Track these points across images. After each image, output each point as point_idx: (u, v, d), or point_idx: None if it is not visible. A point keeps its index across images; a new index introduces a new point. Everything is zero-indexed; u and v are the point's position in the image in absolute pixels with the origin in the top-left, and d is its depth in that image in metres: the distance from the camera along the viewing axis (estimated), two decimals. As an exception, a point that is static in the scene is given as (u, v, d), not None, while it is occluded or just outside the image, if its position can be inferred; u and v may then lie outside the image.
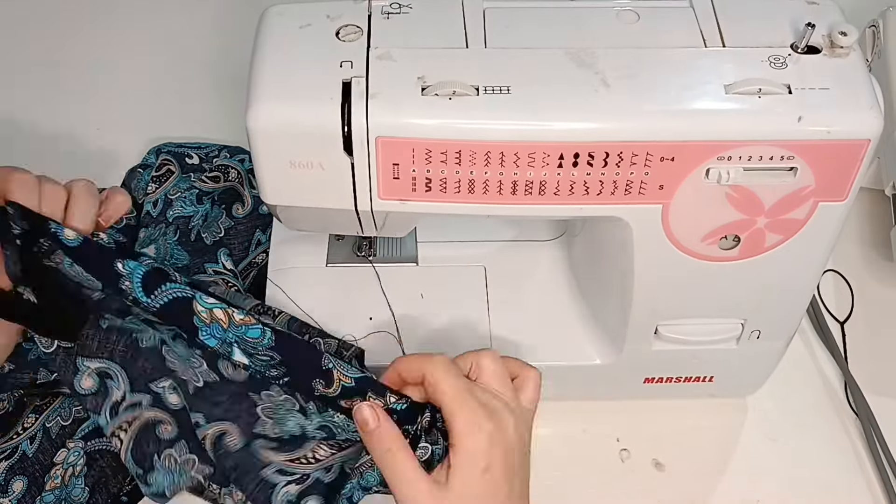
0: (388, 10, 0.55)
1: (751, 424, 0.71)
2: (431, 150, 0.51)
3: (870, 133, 0.51)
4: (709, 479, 0.69)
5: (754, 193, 0.53)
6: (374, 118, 0.51)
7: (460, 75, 0.51)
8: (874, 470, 0.69)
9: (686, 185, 0.53)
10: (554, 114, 0.51)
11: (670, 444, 0.70)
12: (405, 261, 0.71)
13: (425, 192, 0.54)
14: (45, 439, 0.64)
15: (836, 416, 0.72)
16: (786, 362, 0.68)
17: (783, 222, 0.55)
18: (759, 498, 0.67)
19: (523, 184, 0.53)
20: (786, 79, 0.51)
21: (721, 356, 0.66)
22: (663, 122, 0.51)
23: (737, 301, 0.62)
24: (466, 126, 0.51)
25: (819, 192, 0.53)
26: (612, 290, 0.63)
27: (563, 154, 0.51)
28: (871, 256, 0.82)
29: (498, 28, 0.54)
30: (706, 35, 0.54)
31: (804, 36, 0.52)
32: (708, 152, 0.51)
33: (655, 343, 0.64)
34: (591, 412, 0.71)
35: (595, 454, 0.69)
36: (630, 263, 0.58)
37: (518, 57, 0.53)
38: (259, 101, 0.51)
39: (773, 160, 0.51)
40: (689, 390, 0.69)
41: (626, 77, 0.51)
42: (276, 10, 0.55)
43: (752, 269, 0.58)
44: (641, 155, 0.51)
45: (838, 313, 0.78)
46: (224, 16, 0.98)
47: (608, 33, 0.54)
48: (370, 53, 0.52)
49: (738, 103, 0.51)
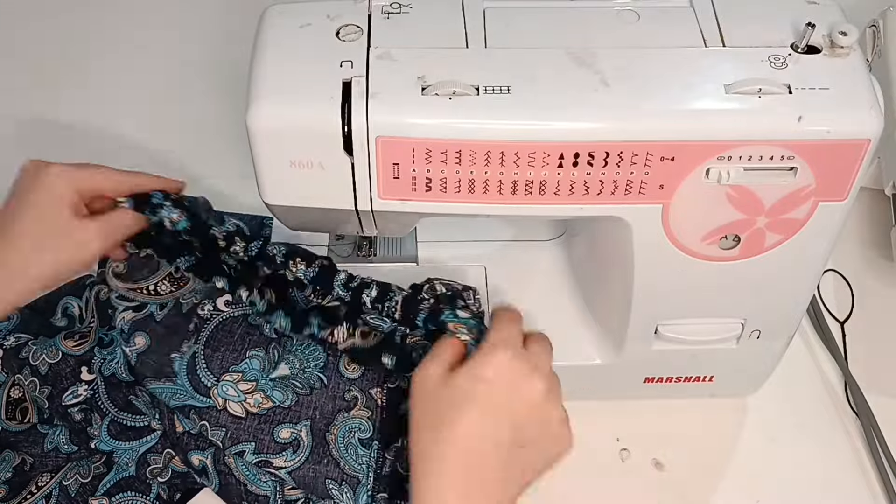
0: (388, 9, 0.55)
1: (751, 424, 0.71)
2: (431, 150, 0.51)
3: (870, 133, 0.51)
4: (709, 479, 0.69)
5: (754, 193, 0.53)
6: (375, 118, 0.51)
7: (460, 75, 0.51)
8: (874, 470, 0.69)
9: (686, 184, 0.53)
10: (554, 114, 0.51)
11: (670, 444, 0.70)
12: (405, 261, 0.71)
13: (425, 191, 0.54)
14: (62, 498, 0.63)
15: (836, 416, 0.72)
16: (786, 362, 0.68)
17: (783, 222, 0.55)
18: (759, 498, 0.67)
19: (523, 184, 0.53)
20: (786, 79, 0.51)
21: (721, 356, 0.66)
22: (663, 122, 0.51)
23: (737, 301, 0.62)
24: (466, 126, 0.51)
25: (819, 192, 0.53)
26: (612, 290, 0.63)
27: (563, 154, 0.51)
28: (871, 256, 0.82)
29: (498, 28, 0.54)
30: (706, 35, 0.54)
31: (804, 36, 0.52)
32: (708, 152, 0.51)
33: (655, 343, 0.64)
34: (591, 412, 0.70)
35: (595, 454, 0.69)
36: (630, 263, 0.58)
37: (518, 57, 0.53)
38: (259, 101, 0.51)
39: (773, 160, 0.51)
40: (689, 390, 0.69)
41: (626, 77, 0.51)
42: (276, 10, 0.55)
43: (752, 269, 0.58)
44: (641, 155, 0.51)
45: (838, 313, 0.78)
46: (224, 16, 0.98)
47: (608, 33, 0.54)
48: (370, 53, 0.52)
49: (739, 103, 0.51)
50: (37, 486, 0.63)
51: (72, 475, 0.64)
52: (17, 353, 0.67)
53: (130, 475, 0.64)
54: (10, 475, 0.62)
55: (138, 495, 0.64)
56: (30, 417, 0.66)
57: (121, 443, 0.65)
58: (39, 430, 0.65)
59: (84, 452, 0.64)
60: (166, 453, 0.65)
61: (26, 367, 0.66)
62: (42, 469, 0.63)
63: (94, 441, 0.64)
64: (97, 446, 0.64)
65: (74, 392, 0.65)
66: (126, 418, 0.65)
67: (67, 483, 0.63)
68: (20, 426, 0.65)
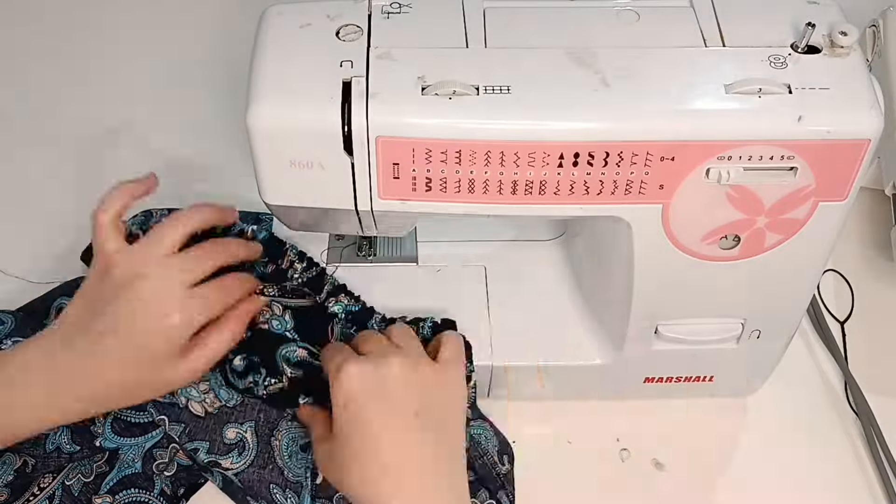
0: (388, 9, 0.55)
1: (751, 424, 0.71)
2: (431, 150, 0.51)
3: (870, 133, 0.51)
4: (709, 479, 0.69)
5: (754, 193, 0.53)
6: (374, 118, 0.51)
7: (460, 75, 0.51)
8: (874, 470, 0.69)
9: (686, 184, 0.53)
10: (554, 113, 0.51)
11: (670, 444, 0.70)
12: (405, 261, 0.71)
13: (425, 191, 0.54)
14: (65, 498, 0.63)
15: (836, 416, 0.72)
16: (786, 362, 0.68)
17: (783, 222, 0.55)
18: (759, 498, 0.67)
19: (523, 184, 0.53)
20: (786, 79, 0.51)
21: (721, 356, 0.66)
22: (663, 122, 0.51)
23: (737, 301, 0.62)
24: (466, 126, 0.51)
25: (819, 192, 0.53)
26: (612, 290, 0.63)
27: (563, 154, 0.51)
28: (871, 256, 0.82)
29: (498, 28, 0.54)
30: (706, 35, 0.54)
31: (804, 36, 0.52)
32: (708, 152, 0.51)
33: (655, 343, 0.64)
34: (591, 412, 0.71)
35: (595, 454, 0.69)
36: (630, 263, 0.58)
37: (518, 57, 0.53)
38: (259, 101, 0.51)
39: (773, 160, 0.51)
40: (689, 390, 0.69)
41: (626, 77, 0.51)
42: (276, 10, 0.55)
43: (752, 269, 0.58)
44: (641, 155, 0.51)
45: (838, 313, 0.78)
46: (224, 16, 0.98)
47: (608, 33, 0.54)
48: (370, 53, 0.53)
49: (739, 103, 0.51)
50: (39, 487, 0.62)
51: (74, 475, 0.63)
52: None
53: (134, 472, 0.64)
54: (11, 477, 0.62)
55: (142, 492, 0.64)
56: None
57: (126, 439, 0.64)
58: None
59: (87, 452, 0.64)
60: (171, 447, 0.65)
61: None
62: (44, 470, 0.63)
63: (98, 439, 0.64)
64: (102, 444, 0.64)
65: None
66: (129, 415, 0.64)
67: (70, 483, 0.63)
68: None
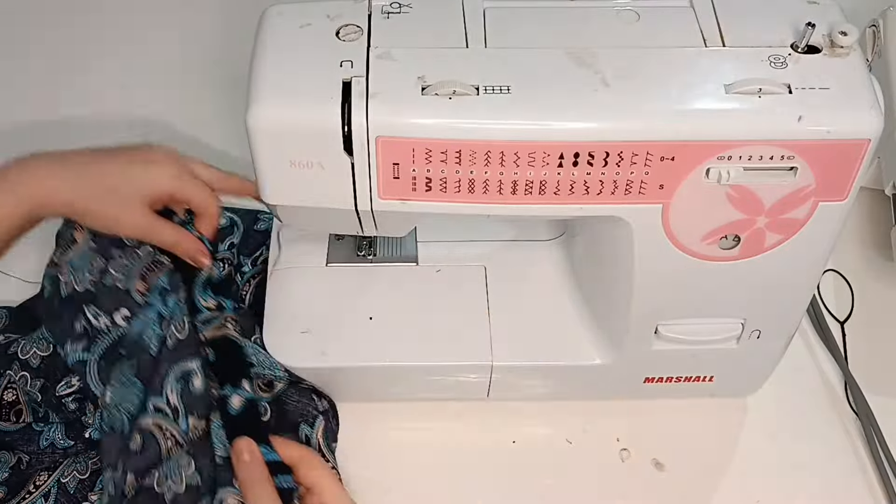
0: (388, 9, 0.55)
1: (751, 424, 0.71)
2: (431, 150, 0.51)
3: (870, 133, 0.51)
4: (709, 479, 0.69)
5: (754, 193, 0.53)
6: (374, 118, 0.51)
7: (460, 75, 0.51)
8: (874, 470, 0.69)
9: (686, 184, 0.53)
10: (554, 114, 0.51)
11: (670, 444, 0.70)
12: (405, 261, 0.71)
13: (425, 191, 0.54)
14: (61, 495, 0.63)
15: (836, 416, 0.72)
16: (786, 362, 0.68)
17: (783, 222, 0.55)
18: (759, 498, 0.67)
19: (523, 184, 0.53)
20: (786, 79, 0.51)
21: (721, 356, 0.66)
22: (663, 122, 0.51)
23: (737, 301, 0.62)
24: (466, 126, 0.51)
25: (819, 192, 0.53)
26: (612, 290, 0.63)
27: (563, 154, 0.51)
28: (871, 256, 0.82)
29: (498, 28, 0.54)
30: (706, 35, 0.54)
31: (804, 36, 0.52)
32: (708, 152, 0.51)
33: (655, 343, 0.64)
34: (591, 412, 0.71)
35: (595, 454, 0.69)
36: (630, 263, 0.58)
37: (518, 57, 0.53)
38: (259, 101, 0.51)
39: (773, 160, 0.51)
40: (689, 390, 0.69)
41: (626, 77, 0.51)
42: (276, 10, 0.55)
43: (752, 269, 0.58)
44: (641, 155, 0.51)
45: (838, 313, 0.78)
46: (224, 16, 0.98)
47: (608, 33, 0.54)
48: (370, 53, 0.53)
49: (739, 103, 0.51)
50: (35, 484, 0.63)
51: (69, 472, 0.64)
52: (6, 349, 0.67)
53: None
54: (7, 475, 0.62)
55: None
56: (24, 418, 0.66)
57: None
58: (34, 428, 0.65)
59: (80, 447, 0.64)
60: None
61: (16, 363, 0.67)
62: (39, 467, 0.63)
63: (88, 430, 0.64)
64: (91, 436, 0.64)
65: (68, 382, 0.66)
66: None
67: (66, 480, 0.63)
68: (14, 426, 0.65)
